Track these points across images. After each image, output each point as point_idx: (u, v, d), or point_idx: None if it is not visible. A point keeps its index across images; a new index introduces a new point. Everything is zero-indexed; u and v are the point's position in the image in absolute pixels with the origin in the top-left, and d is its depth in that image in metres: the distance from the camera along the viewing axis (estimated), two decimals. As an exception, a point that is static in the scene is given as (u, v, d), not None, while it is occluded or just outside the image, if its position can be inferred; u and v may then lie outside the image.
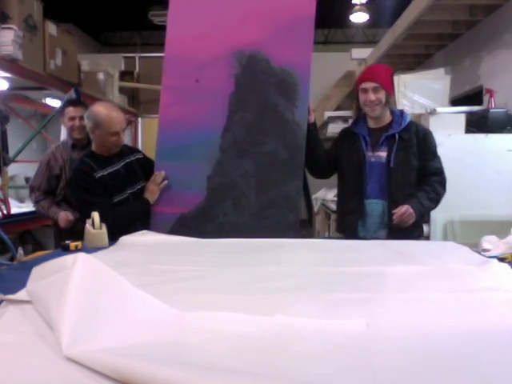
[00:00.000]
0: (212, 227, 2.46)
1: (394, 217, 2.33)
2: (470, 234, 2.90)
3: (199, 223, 2.46)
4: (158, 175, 2.54)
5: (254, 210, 2.47)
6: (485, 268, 1.50)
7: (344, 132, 2.69)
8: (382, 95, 2.45)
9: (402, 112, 2.59)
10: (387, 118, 2.54)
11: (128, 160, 2.59)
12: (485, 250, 1.80)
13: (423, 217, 2.51)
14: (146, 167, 2.61)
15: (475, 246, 1.89)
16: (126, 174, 2.54)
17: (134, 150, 2.81)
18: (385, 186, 2.44)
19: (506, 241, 1.81)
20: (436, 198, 2.45)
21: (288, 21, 2.50)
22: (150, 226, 2.50)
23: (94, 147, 2.54)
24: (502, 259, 1.67)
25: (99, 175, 2.45)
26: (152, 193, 2.51)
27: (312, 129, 2.59)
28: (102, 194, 2.42)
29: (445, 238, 3.18)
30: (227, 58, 2.50)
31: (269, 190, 2.47)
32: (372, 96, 2.44)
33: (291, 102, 2.49)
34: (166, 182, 2.52)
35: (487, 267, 1.50)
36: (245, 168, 2.48)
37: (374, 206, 2.47)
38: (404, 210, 2.32)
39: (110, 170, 2.50)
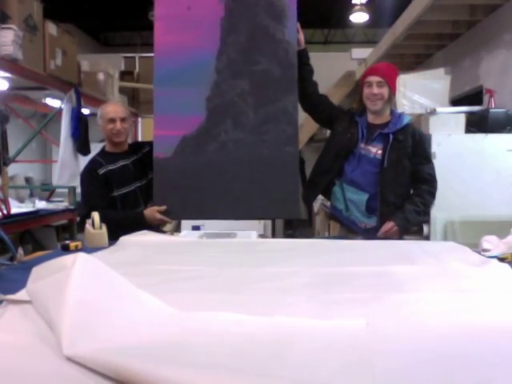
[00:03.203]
0: (214, 146, 2.55)
1: (379, 233, 2.44)
2: (471, 234, 2.90)
3: (202, 143, 2.55)
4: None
5: (253, 126, 2.56)
6: (485, 268, 1.50)
7: (349, 112, 2.70)
8: (385, 91, 2.52)
9: (401, 114, 2.64)
10: (386, 116, 2.59)
11: (137, 157, 2.76)
12: (485, 250, 1.80)
13: (408, 230, 2.63)
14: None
15: (475, 246, 1.89)
16: (134, 169, 2.72)
17: (142, 144, 2.93)
18: (371, 181, 2.52)
19: (506, 241, 1.81)
20: (424, 210, 2.55)
21: None
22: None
23: (106, 146, 2.77)
24: (502, 259, 1.66)
25: (104, 170, 2.64)
26: (152, 213, 2.51)
27: (302, 55, 2.63)
28: (100, 194, 2.59)
29: (445, 238, 3.17)
30: None
31: (266, 106, 2.56)
32: (375, 90, 2.51)
33: (281, 23, 2.59)
34: (164, 206, 2.52)
35: (487, 267, 1.50)
36: (241, 87, 2.57)
37: (354, 196, 2.55)
38: (389, 228, 2.44)
39: (119, 165, 2.68)
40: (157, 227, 2.61)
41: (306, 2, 4.02)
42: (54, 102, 5.00)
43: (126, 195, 2.67)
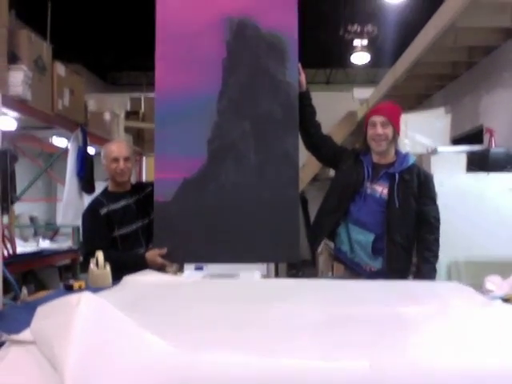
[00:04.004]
0: (215, 188, 2.53)
1: None
2: (476, 274, 2.88)
3: (202, 185, 2.54)
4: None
5: (254, 169, 2.55)
6: (488, 309, 1.49)
7: (353, 152, 2.72)
8: (389, 130, 2.52)
9: (406, 154, 2.65)
10: (391, 156, 2.60)
11: (139, 197, 2.79)
12: (488, 291, 1.79)
13: None
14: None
15: (481, 287, 1.88)
16: (136, 209, 2.75)
17: (145, 185, 2.96)
18: (377, 221, 2.51)
19: (510, 281, 1.80)
20: (435, 262, 2.53)
21: None
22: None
23: (109, 185, 2.80)
24: (506, 300, 1.66)
25: (106, 210, 2.67)
26: (153, 256, 2.51)
27: (304, 96, 2.63)
28: (101, 234, 2.62)
29: (449, 278, 3.16)
30: (217, 25, 2.59)
31: (267, 149, 2.55)
32: (380, 130, 2.51)
33: (282, 64, 2.58)
34: (165, 249, 2.51)
35: (491, 308, 1.50)
36: (243, 128, 2.56)
37: (360, 236, 2.53)
38: None
39: (121, 204, 2.72)
40: (161, 268, 2.60)
41: (308, 43, 4.12)
42: (60, 141, 5.06)
43: (127, 235, 2.69)
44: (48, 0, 4.70)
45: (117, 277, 2.12)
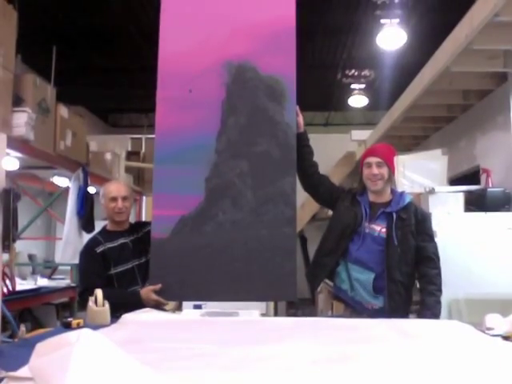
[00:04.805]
0: (212, 226, 2.53)
1: None
2: (477, 312, 2.87)
3: (200, 223, 2.53)
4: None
5: (252, 207, 2.55)
6: (488, 347, 1.48)
7: (350, 192, 2.75)
8: (384, 171, 2.58)
9: (402, 193, 2.69)
10: (387, 195, 2.64)
11: (137, 235, 2.80)
12: (488, 329, 1.78)
13: None
14: None
15: (481, 325, 1.87)
16: (133, 248, 2.75)
17: (144, 224, 2.97)
18: (376, 260, 2.52)
19: (510, 319, 1.79)
20: (440, 296, 2.51)
21: (271, 33, 2.67)
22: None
23: (107, 224, 2.82)
24: (506, 338, 1.65)
25: (103, 248, 2.68)
26: (147, 293, 2.49)
27: (302, 137, 2.66)
28: (96, 272, 2.62)
29: (450, 316, 3.14)
30: (217, 69, 2.64)
31: (265, 187, 2.56)
32: (375, 170, 2.57)
33: (280, 105, 2.63)
34: (159, 285, 2.49)
35: (491, 346, 1.49)
36: (240, 168, 2.58)
37: (360, 275, 2.54)
38: None
39: (118, 243, 2.73)
40: (157, 306, 2.58)
41: (308, 86, 4.21)
42: (61, 181, 5.11)
43: (123, 273, 2.68)
44: (53, 44, 4.84)
45: (112, 314, 2.11)
